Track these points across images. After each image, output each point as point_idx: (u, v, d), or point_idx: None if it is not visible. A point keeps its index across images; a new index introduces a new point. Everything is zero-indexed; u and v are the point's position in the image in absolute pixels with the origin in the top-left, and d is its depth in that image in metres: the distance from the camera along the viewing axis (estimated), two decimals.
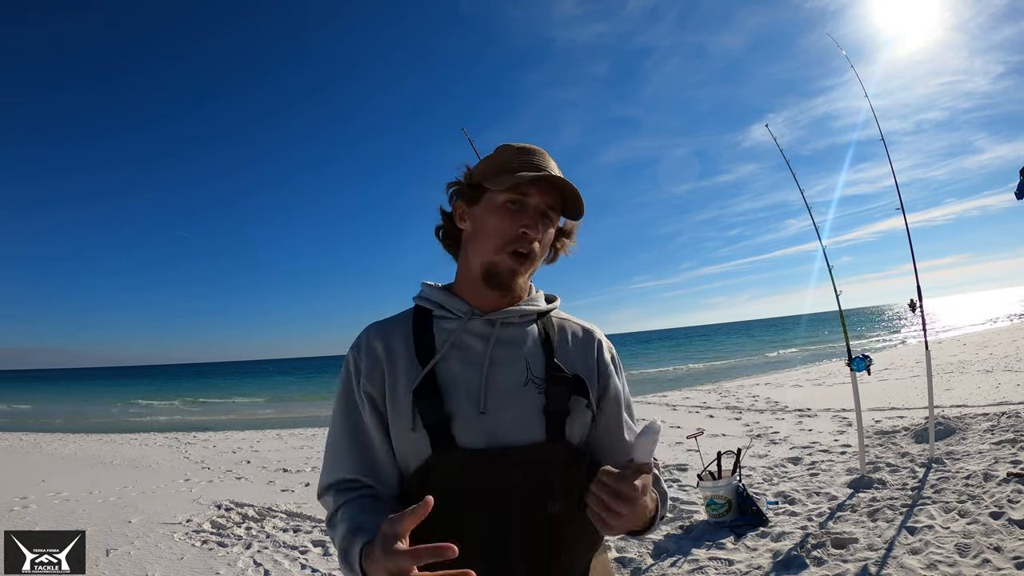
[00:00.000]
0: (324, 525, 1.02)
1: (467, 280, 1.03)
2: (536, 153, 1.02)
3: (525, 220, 0.97)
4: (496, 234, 0.97)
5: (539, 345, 1.02)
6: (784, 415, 7.73)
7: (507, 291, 1.00)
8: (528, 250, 0.98)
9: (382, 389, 0.98)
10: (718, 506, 3.57)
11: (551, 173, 0.98)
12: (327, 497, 0.98)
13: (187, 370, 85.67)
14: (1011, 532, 2.92)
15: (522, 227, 0.96)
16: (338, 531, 0.91)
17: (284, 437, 10.12)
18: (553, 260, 1.10)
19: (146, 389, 35.34)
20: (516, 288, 1.00)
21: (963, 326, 26.21)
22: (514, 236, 0.96)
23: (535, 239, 0.98)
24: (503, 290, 0.99)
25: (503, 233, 0.97)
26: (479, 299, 1.02)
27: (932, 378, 4.50)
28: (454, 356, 0.98)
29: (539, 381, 0.98)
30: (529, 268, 1.00)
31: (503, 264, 0.97)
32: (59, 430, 13.33)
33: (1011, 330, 18.14)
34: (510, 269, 0.98)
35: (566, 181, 0.98)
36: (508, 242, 0.97)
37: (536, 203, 0.98)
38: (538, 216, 0.98)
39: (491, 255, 0.98)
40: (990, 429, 4.99)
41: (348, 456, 0.98)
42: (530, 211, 0.97)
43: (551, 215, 1.00)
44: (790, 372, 15.08)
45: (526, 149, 1.02)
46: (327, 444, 1.02)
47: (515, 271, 0.98)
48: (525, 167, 0.98)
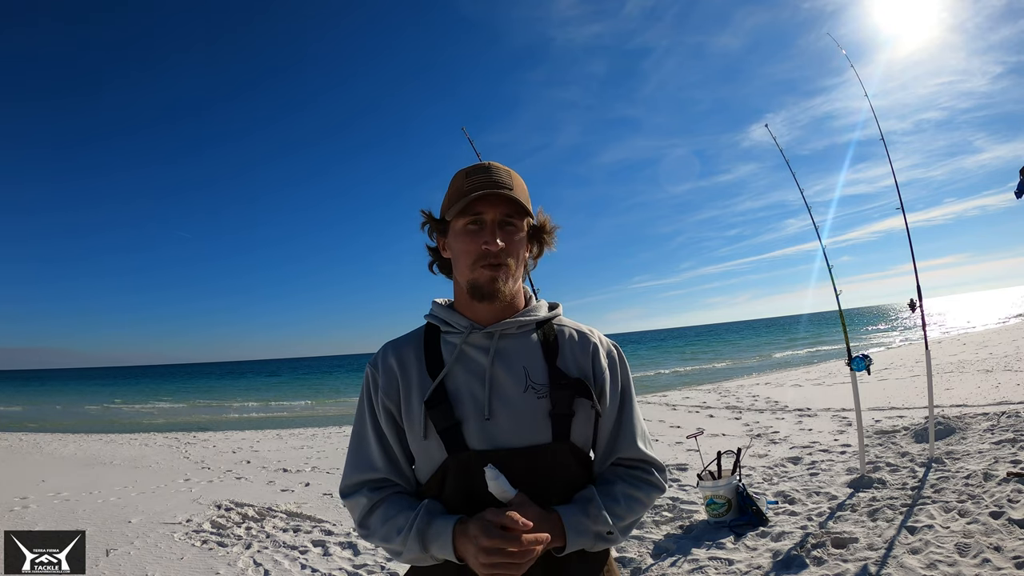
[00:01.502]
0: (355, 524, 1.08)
1: (463, 299, 1.12)
2: (483, 170, 1.08)
3: (484, 236, 1.05)
4: (465, 256, 1.06)
5: (540, 352, 1.09)
6: (784, 415, 7.73)
7: (493, 300, 1.07)
8: (496, 262, 1.05)
9: (397, 402, 1.07)
10: (718, 506, 3.57)
11: (489, 189, 1.04)
12: (359, 496, 1.07)
13: (188, 370, 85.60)
14: (1011, 532, 2.92)
15: (483, 244, 1.04)
16: (398, 519, 1.01)
17: (284, 437, 10.12)
18: (539, 256, 1.19)
19: (146, 389, 35.33)
20: (502, 295, 1.07)
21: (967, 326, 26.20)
22: (479, 253, 1.05)
23: (496, 250, 1.04)
24: (490, 300, 1.07)
25: (469, 254, 1.06)
26: (477, 314, 1.10)
27: (932, 378, 4.50)
28: (459, 368, 1.07)
29: (539, 387, 1.05)
30: (507, 275, 1.07)
31: (482, 278, 1.05)
32: (59, 430, 13.32)
33: (1011, 330, 18.14)
34: (488, 279, 1.05)
35: (501, 192, 1.04)
36: (475, 260, 1.05)
37: (491, 217, 1.05)
38: (495, 229, 1.05)
39: (469, 274, 1.07)
40: (990, 429, 4.99)
41: (374, 458, 1.08)
42: (488, 227, 1.05)
43: (513, 222, 1.07)
44: (790, 372, 15.08)
45: (474, 169, 1.09)
46: (351, 448, 1.12)
47: (493, 279, 1.05)
48: (473, 188, 1.05)
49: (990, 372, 8.85)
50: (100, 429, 13.78)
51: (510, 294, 1.08)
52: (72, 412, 20.68)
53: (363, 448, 1.09)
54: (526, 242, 1.11)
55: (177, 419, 17.27)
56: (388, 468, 1.08)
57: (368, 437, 1.09)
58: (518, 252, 1.08)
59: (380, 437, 1.08)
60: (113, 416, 19.12)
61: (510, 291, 1.08)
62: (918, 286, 4.32)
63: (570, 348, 1.11)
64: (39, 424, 15.51)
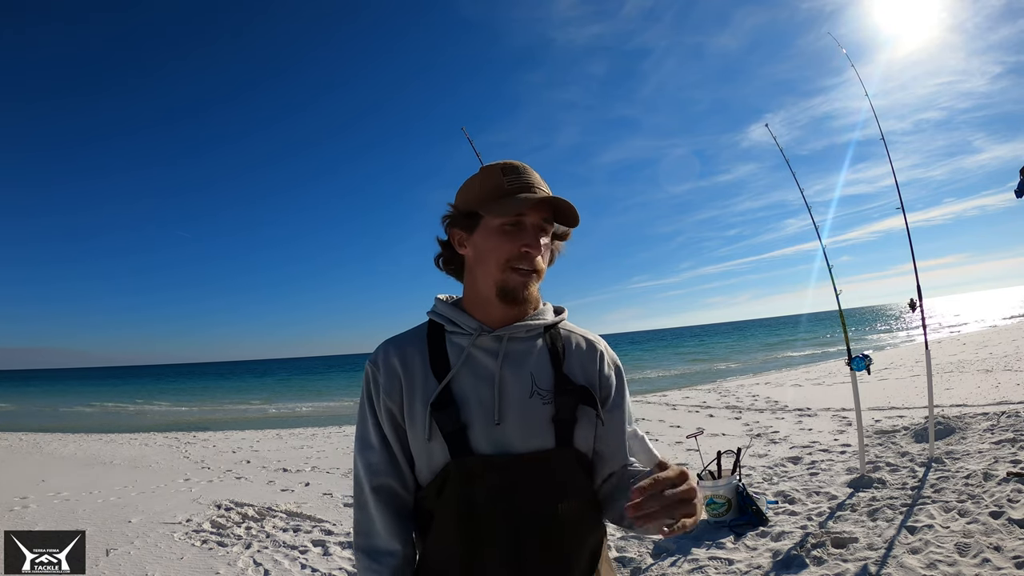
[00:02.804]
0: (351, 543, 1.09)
1: (477, 299, 1.09)
2: (521, 171, 1.07)
3: (526, 239, 1.02)
4: (497, 255, 1.03)
5: (546, 358, 1.08)
6: (784, 415, 7.73)
7: (521, 304, 1.06)
8: (532, 266, 1.04)
9: (400, 402, 1.05)
10: (718, 505, 3.57)
11: (547, 195, 1.04)
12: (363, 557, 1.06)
13: (188, 370, 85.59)
14: (1011, 532, 2.92)
15: (524, 246, 1.02)
16: None
17: (284, 437, 10.12)
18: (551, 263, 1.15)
19: (147, 389, 35.32)
20: (529, 301, 1.07)
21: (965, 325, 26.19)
22: (517, 255, 1.02)
23: (537, 255, 1.03)
24: (518, 304, 1.06)
25: (502, 253, 1.03)
26: (488, 316, 1.08)
27: (932, 377, 4.50)
28: (466, 371, 1.04)
29: (544, 392, 1.05)
30: (536, 281, 1.06)
31: (512, 281, 1.04)
32: (59, 430, 13.32)
33: (1011, 330, 18.13)
34: (521, 284, 1.04)
35: (560, 200, 1.03)
36: (509, 261, 1.03)
37: (533, 221, 1.04)
38: (536, 233, 1.04)
39: (499, 275, 1.04)
40: (990, 429, 4.99)
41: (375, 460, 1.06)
42: (529, 230, 1.03)
43: (546, 227, 1.06)
44: (790, 372, 15.08)
45: (511, 167, 1.07)
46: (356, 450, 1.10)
47: (525, 285, 1.04)
48: (517, 188, 1.04)
49: (990, 372, 8.84)
50: (100, 429, 13.77)
51: (535, 300, 1.09)
52: (72, 412, 20.68)
53: (370, 453, 1.07)
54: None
55: (177, 419, 17.28)
56: (389, 472, 1.06)
57: (372, 441, 1.07)
58: (547, 258, 1.08)
59: (383, 440, 1.06)
60: (113, 416, 19.11)
61: (535, 296, 1.09)
62: (918, 286, 4.32)
63: (577, 356, 1.10)
64: (39, 424, 15.50)
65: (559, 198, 1.03)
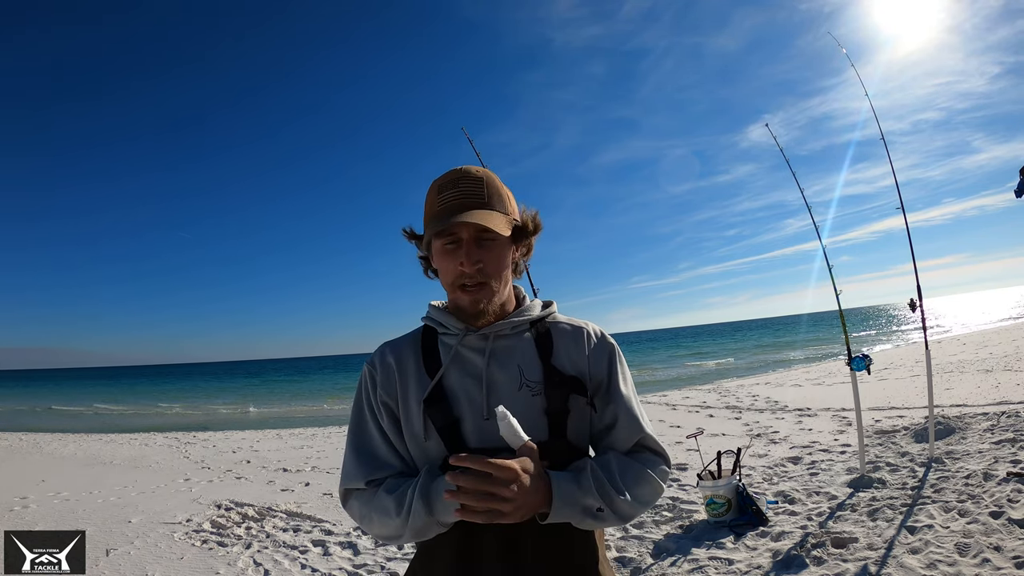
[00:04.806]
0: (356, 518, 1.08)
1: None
2: (452, 184, 1.05)
3: (460, 257, 1.03)
4: (444, 275, 1.07)
5: (534, 350, 1.09)
6: (784, 415, 7.73)
7: (478, 320, 1.07)
8: (472, 282, 1.04)
9: (395, 398, 1.08)
10: (718, 505, 3.57)
11: (457, 214, 1.01)
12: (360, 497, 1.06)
13: (188, 370, 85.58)
14: (1011, 532, 2.91)
15: (458, 265, 1.03)
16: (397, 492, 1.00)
17: (284, 437, 10.12)
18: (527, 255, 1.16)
19: (147, 389, 35.32)
20: (484, 313, 1.06)
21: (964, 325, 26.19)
22: (456, 274, 1.04)
23: (472, 271, 1.03)
24: (472, 320, 1.07)
25: (447, 273, 1.06)
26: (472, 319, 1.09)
27: (932, 377, 4.50)
28: (455, 369, 1.07)
29: (533, 384, 1.05)
30: (490, 295, 1.05)
31: (461, 300, 1.06)
32: (59, 430, 13.32)
33: (1011, 330, 18.13)
34: (469, 301, 1.05)
35: (467, 223, 1.00)
36: (454, 280, 1.05)
37: (466, 235, 1.03)
38: (471, 248, 1.03)
39: (451, 294, 1.09)
40: (990, 429, 4.99)
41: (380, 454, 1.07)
42: (464, 246, 1.03)
43: (490, 235, 1.04)
44: (790, 372, 15.08)
45: (448, 182, 1.05)
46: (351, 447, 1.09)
47: (475, 301, 1.05)
48: (448, 208, 1.03)
49: (990, 372, 8.84)
50: (100, 429, 13.78)
51: (494, 313, 1.08)
52: (72, 412, 20.68)
53: (365, 447, 1.07)
54: (510, 247, 1.08)
55: (177, 419, 17.28)
56: (394, 463, 1.07)
57: (370, 434, 1.08)
58: (499, 266, 1.06)
59: (382, 433, 1.08)
60: (113, 416, 19.12)
61: (495, 309, 1.07)
62: (918, 286, 4.32)
63: (564, 344, 1.10)
64: (39, 424, 15.50)
65: (467, 222, 1.00)
